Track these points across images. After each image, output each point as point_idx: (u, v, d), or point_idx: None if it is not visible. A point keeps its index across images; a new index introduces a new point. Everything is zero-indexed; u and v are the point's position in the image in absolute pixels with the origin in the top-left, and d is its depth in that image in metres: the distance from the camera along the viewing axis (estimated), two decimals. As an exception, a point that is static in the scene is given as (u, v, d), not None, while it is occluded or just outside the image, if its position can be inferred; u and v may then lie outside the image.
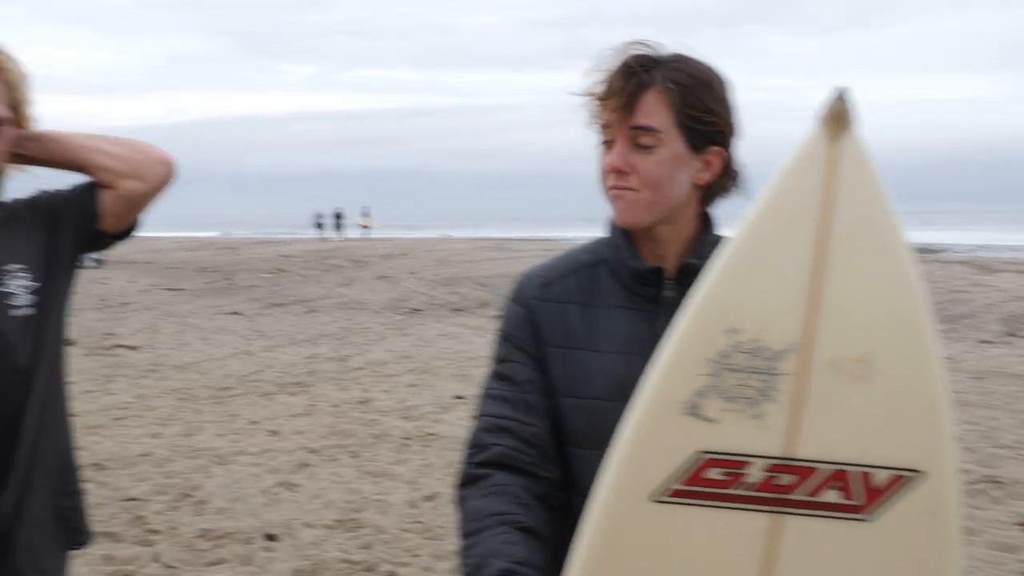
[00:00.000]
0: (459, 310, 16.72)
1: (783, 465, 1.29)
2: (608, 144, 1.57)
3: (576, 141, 1.66)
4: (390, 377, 9.70)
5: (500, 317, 1.69)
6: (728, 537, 1.32)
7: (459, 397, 8.51)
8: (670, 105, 1.51)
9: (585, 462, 1.57)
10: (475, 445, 1.62)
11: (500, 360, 1.67)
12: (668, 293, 1.57)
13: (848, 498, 1.28)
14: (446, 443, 6.81)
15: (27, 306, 1.82)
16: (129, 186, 1.93)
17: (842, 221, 1.29)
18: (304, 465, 6.28)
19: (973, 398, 8.29)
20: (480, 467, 1.59)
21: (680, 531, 1.32)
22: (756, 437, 1.29)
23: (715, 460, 1.30)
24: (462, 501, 1.61)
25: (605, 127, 1.55)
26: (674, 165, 1.54)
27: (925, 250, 33.66)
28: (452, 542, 4.81)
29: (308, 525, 5.07)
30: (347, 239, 44.77)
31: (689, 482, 1.30)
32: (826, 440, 1.28)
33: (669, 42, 1.59)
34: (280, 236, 55.41)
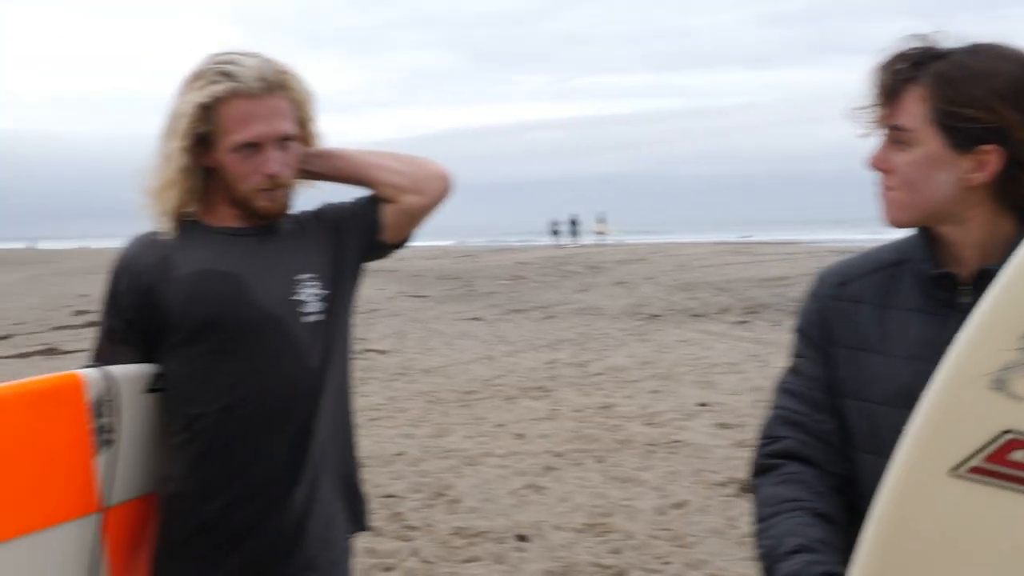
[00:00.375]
0: (699, 315, 16.43)
1: None
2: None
3: (815, 139, 1.61)
4: (631, 383, 9.68)
5: (798, 313, 1.72)
6: None
7: (703, 404, 8.36)
8: (927, 102, 1.44)
9: (866, 466, 1.55)
10: (767, 436, 1.66)
11: (795, 355, 1.69)
12: (964, 299, 1.48)
13: None
14: (692, 451, 6.72)
15: (317, 312, 1.95)
16: (410, 200, 2.04)
17: None
18: (550, 468, 6.38)
19: None
20: (772, 457, 1.63)
21: (977, 511, 1.25)
22: None
23: (1021, 441, 1.21)
24: (756, 489, 1.65)
25: (875, 125, 1.53)
26: (930, 164, 1.47)
27: None
28: (702, 550, 4.76)
29: (557, 527, 5.15)
30: (583, 245, 45.22)
31: (992, 459, 1.22)
32: None
33: (938, 30, 1.50)
34: (517, 244, 56.89)
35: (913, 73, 1.46)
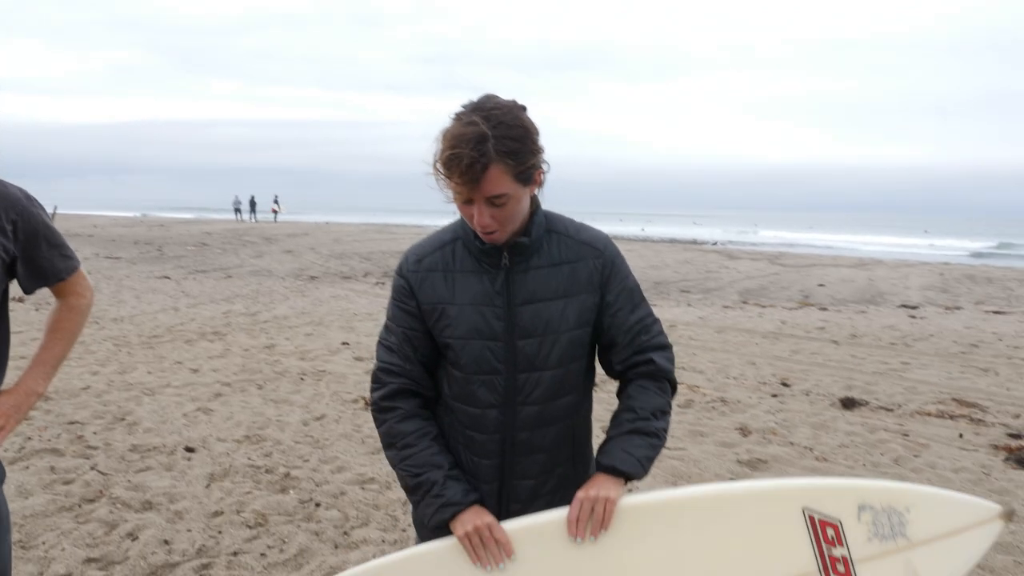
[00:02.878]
0: (347, 278, 16.42)
1: None
2: (464, 202, 1.54)
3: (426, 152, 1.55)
4: (291, 328, 9.47)
5: (392, 285, 1.74)
6: None
7: (344, 343, 8.42)
8: (508, 171, 1.51)
9: (457, 380, 1.69)
10: (376, 381, 1.72)
11: (389, 319, 1.73)
12: (505, 262, 1.64)
13: None
14: (333, 378, 6.76)
15: None
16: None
17: None
18: (219, 395, 6.08)
19: (715, 345, 8.88)
20: (386, 400, 1.69)
21: None
22: None
23: None
24: (382, 424, 1.70)
25: (459, 191, 1.52)
26: (520, 203, 1.58)
27: (692, 242, 35.51)
28: (335, 449, 4.83)
29: (220, 440, 4.94)
30: (259, 221, 42.90)
31: None
32: None
33: (513, 83, 1.53)
34: (204, 218, 52.52)
35: (488, 155, 1.45)
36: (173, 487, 4.11)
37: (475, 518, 1.59)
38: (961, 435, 5.38)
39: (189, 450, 4.71)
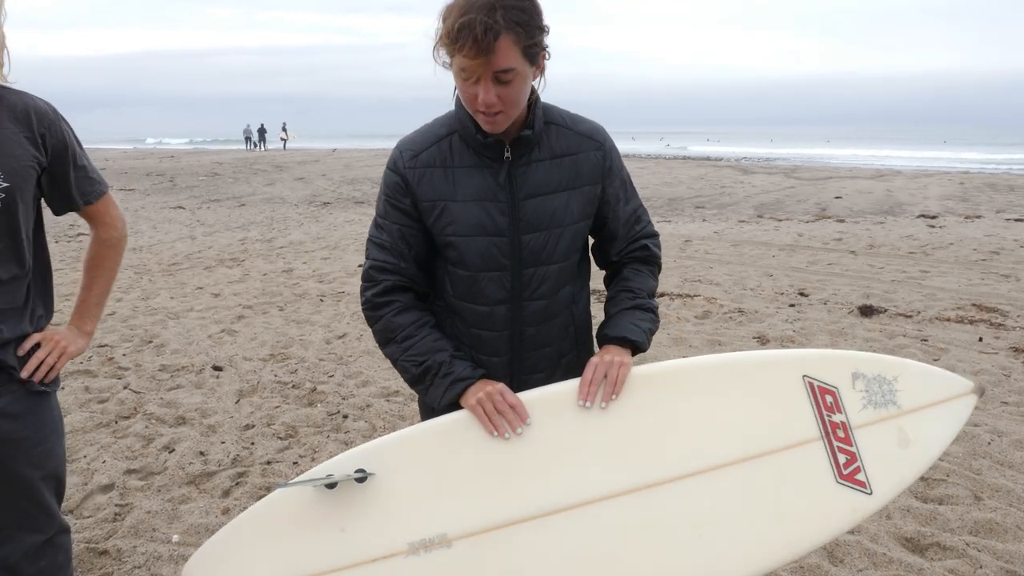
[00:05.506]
0: (360, 202, 16.35)
1: None
2: (470, 80, 1.47)
3: (429, 75, 1.54)
4: (307, 252, 9.51)
5: (383, 181, 1.66)
6: None
7: (361, 266, 8.44)
8: (516, 44, 1.43)
9: (459, 278, 1.65)
10: (368, 280, 1.67)
11: (380, 215, 1.67)
12: (508, 155, 1.60)
13: None
14: (351, 299, 6.81)
15: None
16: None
17: None
18: (241, 317, 6.16)
19: (731, 258, 8.84)
20: (380, 296, 1.65)
21: None
22: None
23: None
24: (379, 321, 1.66)
25: (466, 67, 1.45)
26: (525, 84, 1.51)
27: (706, 158, 34.92)
28: (358, 365, 4.91)
29: (246, 359, 5.04)
30: (269, 150, 42.56)
31: None
32: None
33: None
34: (213, 148, 52.18)
35: (498, 25, 1.39)
36: (204, 403, 4.21)
37: (485, 385, 1.59)
38: (981, 339, 5.37)
39: (217, 368, 4.81)
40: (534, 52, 1.48)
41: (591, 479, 1.53)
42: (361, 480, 1.55)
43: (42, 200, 1.83)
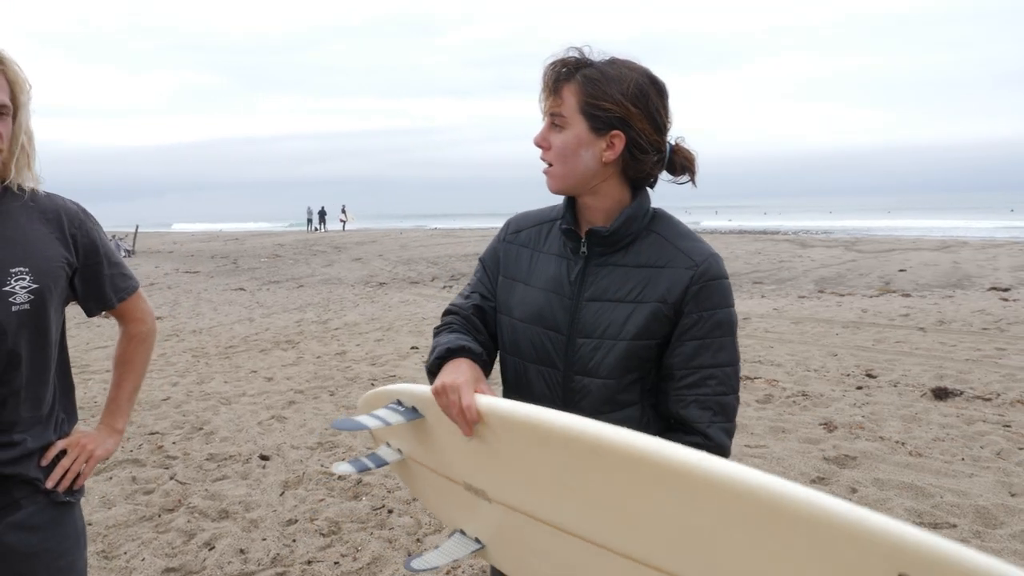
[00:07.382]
0: (415, 283, 16.56)
1: None
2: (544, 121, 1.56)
3: (499, 152, 1.60)
4: (361, 334, 9.57)
5: (489, 245, 1.72)
6: None
7: (414, 348, 8.44)
8: (576, 95, 1.46)
9: (509, 364, 1.61)
10: (443, 313, 1.70)
11: (475, 272, 1.72)
12: (583, 250, 1.54)
13: None
14: (404, 382, 6.75)
15: (24, 303, 1.62)
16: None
17: None
18: (292, 403, 6.15)
19: (792, 337, 8.52)
20: (438, 327, 1.64)
21: None
22: None
23: None
24: (431, 351, 1.64)
25: (543, 113, 1.54)
26: (578, 143, 1.47)
27: (762, 231, 34.51)
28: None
29: (294, 447, 4.97)
30: (329, 231, 43.92)
31: None
32: None
33: (588, 45, 1.51)
34: (275, 229, 54.15)
35: (570, 74, 1.48)
36: (248, 495, 4.14)
37: (451, 373, 1.42)
38: (1071, 425, 4.96)
39: (264, 458, 4.76)
40: (596, 116, 1.45)
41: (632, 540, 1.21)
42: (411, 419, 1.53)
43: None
